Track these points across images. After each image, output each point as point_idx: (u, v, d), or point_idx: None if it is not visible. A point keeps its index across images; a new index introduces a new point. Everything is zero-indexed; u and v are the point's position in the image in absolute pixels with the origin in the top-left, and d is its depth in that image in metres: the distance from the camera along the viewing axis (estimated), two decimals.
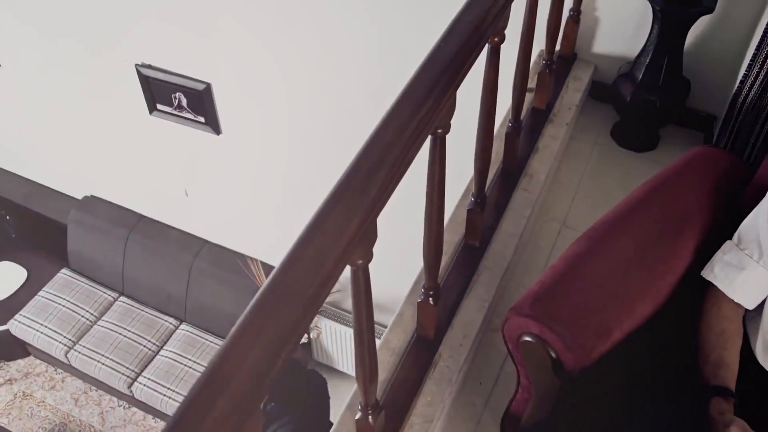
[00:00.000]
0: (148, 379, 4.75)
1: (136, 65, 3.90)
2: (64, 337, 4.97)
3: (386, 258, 1.67)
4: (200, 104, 3.88)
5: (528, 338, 1.35)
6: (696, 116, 2.48)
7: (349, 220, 1.04)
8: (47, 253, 5.47)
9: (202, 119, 3.97)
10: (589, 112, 2.57)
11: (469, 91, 1.49)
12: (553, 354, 1.32)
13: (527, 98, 2.17)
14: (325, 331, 4.68)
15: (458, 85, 1.34)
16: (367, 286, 1.19)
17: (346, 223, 1.03)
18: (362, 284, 1.18)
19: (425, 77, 1.27)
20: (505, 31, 1.58)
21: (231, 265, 4.61)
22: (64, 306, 5.13)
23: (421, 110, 1.21)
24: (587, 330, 1.35)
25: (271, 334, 0.90)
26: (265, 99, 3.65)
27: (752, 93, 2.06)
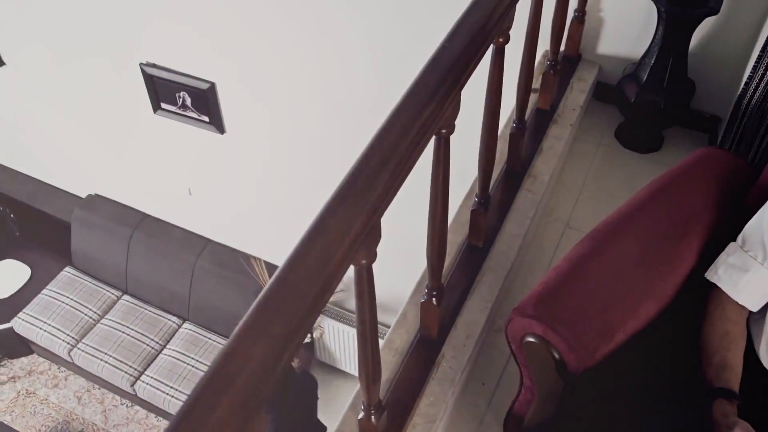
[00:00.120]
0: (151, 377, 4.76)
1: (141, 64, 3.91)
2: (68, 335, 4.98)
3: (390, 258, 1.67)
4: (204, 103, 3.89)
5: (531, 339, 1.35)
6: (700, 117, 2.48)
7: (353, 220, 1.04)
8: (51, 252, 5.48)
9: (207, 118, 3.97)
10: (594, 113, 2.57)
11: (473, 92, 1.49)
12: (557, 355, 1.32)
13: (531, 99, 2.17)
14: (328, 331, 4.68)
15: (463, 86, 1.34)
16: (370, 286, 1.19)
17: (350, 223, 1.03)
18: (366, 284, 1.18)
19: (430, 77, 1.27)
20: (510, 32, 1.58)
21: (234, 265, 4.62)
22: (68, 304, 5.14)
23: (426, 110, 1.21)
24: (591, 331, 1.35)
25: (275, 333, 0.90)
26: (270, 98, 3.65)
27: (757, 94, 2.05)
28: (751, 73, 2.09)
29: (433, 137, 1.32)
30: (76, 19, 3.95)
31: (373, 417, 1.44)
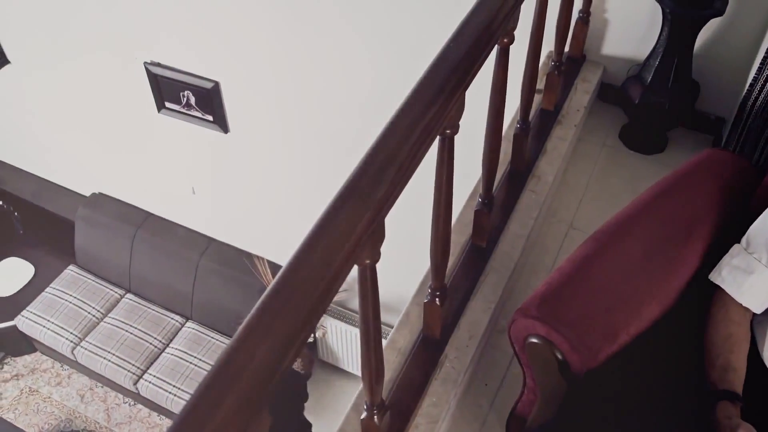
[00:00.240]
0: (154, 376, 4.76)
1: (145, 63, 3.92)
2: (71, 333, 4.99)
3: (393, 258, 1.67)
4: (208, 103, 3.89)
5: (534, 340, 1.34)
6: (705, 119, 2.47)
7: (357, 219, 1.04)
8: (55, 250, 5.49)
9: (210, 118, 3.98)
10: (598, 113, 2.57)
11: (477, 92, 1.49)
12: (560, 356, 1.32)
13: (536, 99, 2.17)
14: (331, 331, 4.68)
15: (467, 86, 1.34)
16: (374, 286, 1.19)
17: (354, 223, 1.04)
18: (369, 284, 1.18)
19: (435, 78, 1.27)
20: (515, 32, 1.58)
21: (237, 264, 4.62)
22: (71, 302, 5.15)
23: (431, 110, 1.21)
24: (594, 332, 1.34)
25: (279, 332, 0.90)
26: (273, 98, 3.65)
27: (762, 96, 2.05)
28: (756, 74, 2.08)
29: (438, 137, 1.32)
30: (81, 18, 3.96)
31: (375, 417, 1.44)
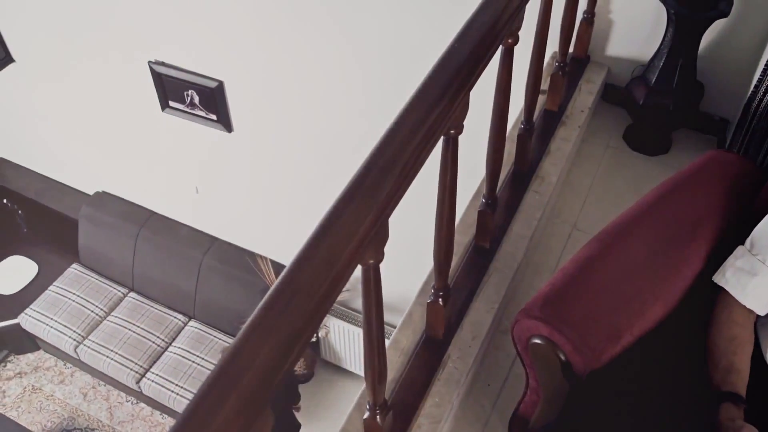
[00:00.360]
0: (157, 375, 4.77)
1: (149, 62, 3.92)
2: (74, 331, 5.00)
3: (397, 258, 1.67)
4: (212, 102, 3.90)
5: (537, 340, 1.34)
6: (709, 120, 2.47)
7: (361, 219, 1.04)
8: (58, 248, 5.50)
9: (214, 117, 3.98)
10: (602, 114, 2.56)
11: (481, 92, 1.49)
12: (563, 356, 1.32)
13: (540, 100, 2.17)
14: (334, 330, 4.68)
15: (472, 86, 1.34)
16: (377, 286, 1.19)
17: (358, 223, 1.04)
18: (373, 284, 1.18)
19: (439, 78, 1.27)
20: (519, 33, 1.58)
21: (240, 263, 4.63)
22: (74, 301, 5.15)
23: (435, 111, 1.21)
24: (597, 333, 1.34)
25: (282, 332, 0.90)
26: (277, 97, 3.66)
27: (766, 97, 2.05)
28: (760, 75, 2.08)
29: (442, 137, 1.32)
30: (86, 17, 3.97)
31: (378, 417, 1.44)
